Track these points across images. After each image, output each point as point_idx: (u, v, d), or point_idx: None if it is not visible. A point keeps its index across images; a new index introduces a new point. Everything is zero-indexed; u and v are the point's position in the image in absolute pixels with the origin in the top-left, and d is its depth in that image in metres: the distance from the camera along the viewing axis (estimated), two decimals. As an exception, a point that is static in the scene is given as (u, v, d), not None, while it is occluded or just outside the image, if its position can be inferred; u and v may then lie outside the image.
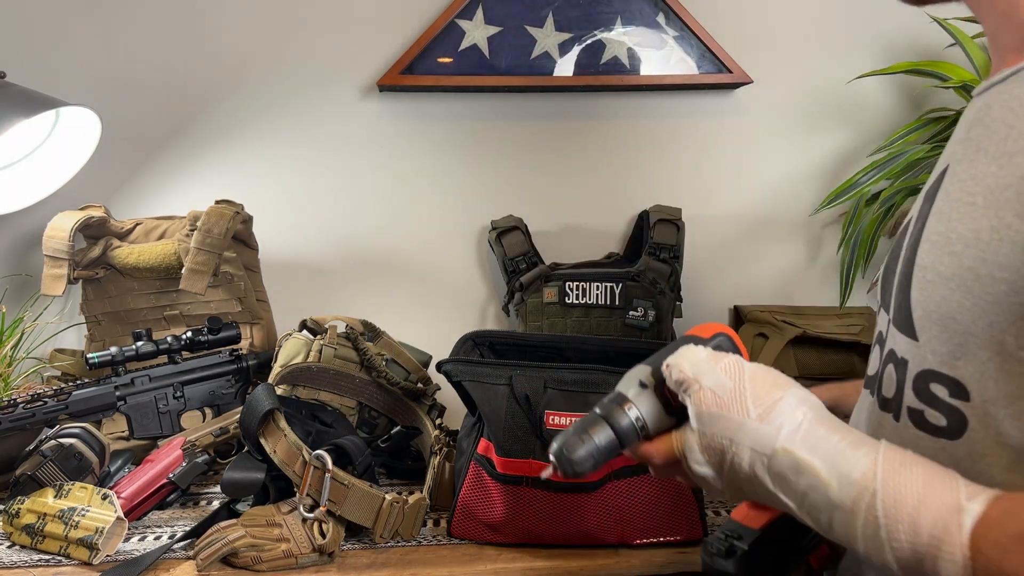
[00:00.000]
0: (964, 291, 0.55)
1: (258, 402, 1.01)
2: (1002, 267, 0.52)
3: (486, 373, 1.04)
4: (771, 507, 0.63)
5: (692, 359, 0.64)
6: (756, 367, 0.63)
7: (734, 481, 0.60)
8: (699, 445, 0.62)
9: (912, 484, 0.53)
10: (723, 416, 0.60)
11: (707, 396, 0.61)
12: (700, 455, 0.61)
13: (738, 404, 0.60)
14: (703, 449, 0.61)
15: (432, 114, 1.58)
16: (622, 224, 1.63)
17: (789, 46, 1.62)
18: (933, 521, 0.51)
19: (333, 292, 1.59)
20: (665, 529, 1.02)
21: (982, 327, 0.54)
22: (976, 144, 0.58)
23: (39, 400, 1.17)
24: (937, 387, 0.58)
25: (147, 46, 1.51)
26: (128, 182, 1.54)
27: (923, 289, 0.59)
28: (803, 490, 0.56)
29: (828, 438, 0.57)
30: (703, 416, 0.61)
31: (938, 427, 0.58)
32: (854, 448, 0.56)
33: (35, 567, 0.96)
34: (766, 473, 0.58)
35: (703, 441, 0.61)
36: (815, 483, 0.56)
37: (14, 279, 1.51)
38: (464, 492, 1.03)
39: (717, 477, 0.61)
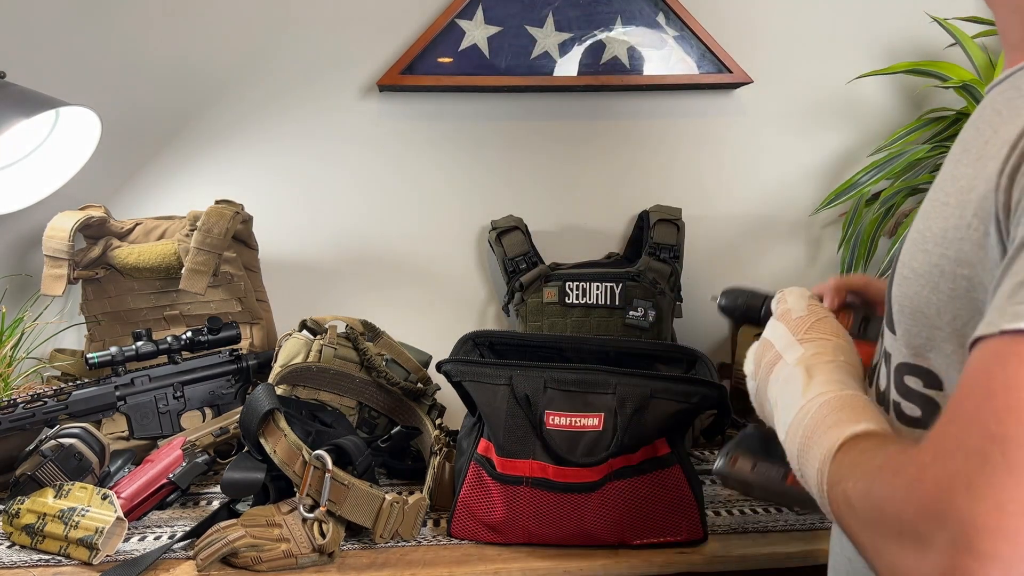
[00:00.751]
0: (932, 287, 0.57)
1: (258, 402, 1.01)
2: (963, 264, 0.54)
3: (486, 373, 1.04)
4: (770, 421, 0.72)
5: (797, 291, 0.77)
6: (833, 321, 0.74)
7: (761, 384, 0.72)
8: (756, 348, 0.76)
9: (855, 403, 0.61)
10: (781, 328, 0.74)
11: (786, 315, 0.74)
12: (751, 354, 0.76)
13: (797, 327, 0.72)
14: (755, 349, 0.76)
15: (432, 114, 1.58)
16: (622, 224, 1.63)
17: (789, 46, 1.62)
18: (836, 439, 0.58)
19: (333, 292, 1.59)
20: (665, 529, 1.02)
21: (947, 321, 0.56)
22: (964, 145, 0.60)
23: (39, 400, 1.17)
24: (911, 379, 0.61)
25: (147, 46, 1.51)
26: (128, 182, 1.54)
27: (899, 285, 0.61)
28: (787, 391, 0.67)
29: (831, 372, 0.66)
30: (771, 324, 0.76)
31: (913, 418, 0.61)
32: (844, 382, 0.65)
33: (35, 567, 0.96)
34: (776, 378, 0.70)
35: (760, 343, 0.75)
36: (795, 389, 0.66)
37: (14, 279, 1.51)
38: (464, 492, 1.03)
39: (753, 376, 0.74)
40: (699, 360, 1.17)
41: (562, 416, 1.02)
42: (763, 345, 0.74)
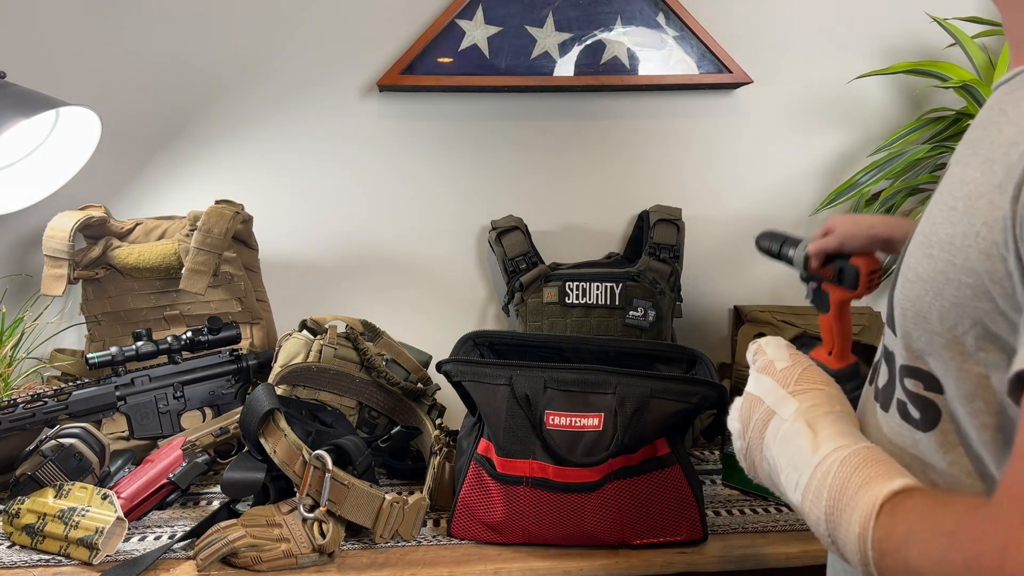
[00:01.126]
0: (935, 293, 0.56)
1: (258, 402, 1.01)
2: (968, 272, 0.53)
3: (486, 373, 1.04)
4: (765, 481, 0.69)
5: (773, 341, 0.74)
6: (819, 370, 0.71)
7: (753, 443, 0.68)
8: (741, 404, 0.71)
9: (879, 463, 0.58)
10: (768, 382, 0.70)
11: (767, 366, 0.71)
12: (737, 413, 0.71)
13: (785, 379, 0.69)
14: (741, 408, 0.71)
15: (432, 114, 1.58)
16: (622, 224, 1.63)
17: (789, 46, 1.62)
18: (872, 498, 0.55)
19: (333, 292, 1.59)
20: (665, 529, 1.02)
21: (947, 327, 0.56)
22: (972, 147, 0.59)
23: (39, 400, 1.17)
24: (911, 382, 0.61)
25: (147, 46, 1.51)
26: (128, 182, 1.54)
27: (903, 287, 0.61)
28: (791, 451, 0.63)
29: (835, 424, 0.63)
30: (754, 379, 0.71)
31: (915, 419, 0.61)
32: (853, 434, 0.63)
33: (35, 567, 0.96)
34: (774, 436, 0.66)
35: (745, 400, 0.71)
36: (804, 445, 0.62)
37: (14, 279, 1.51)
38: (464, 492, 1.03)
39: (741, 436, 0.70)
40: (699, 360, 1.17)
41: (562, 416, 1.02)
42: (750, 401, 0.70)
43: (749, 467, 0.70)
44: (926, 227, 0.60)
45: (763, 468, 0.67)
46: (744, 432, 0.69)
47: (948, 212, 0.56)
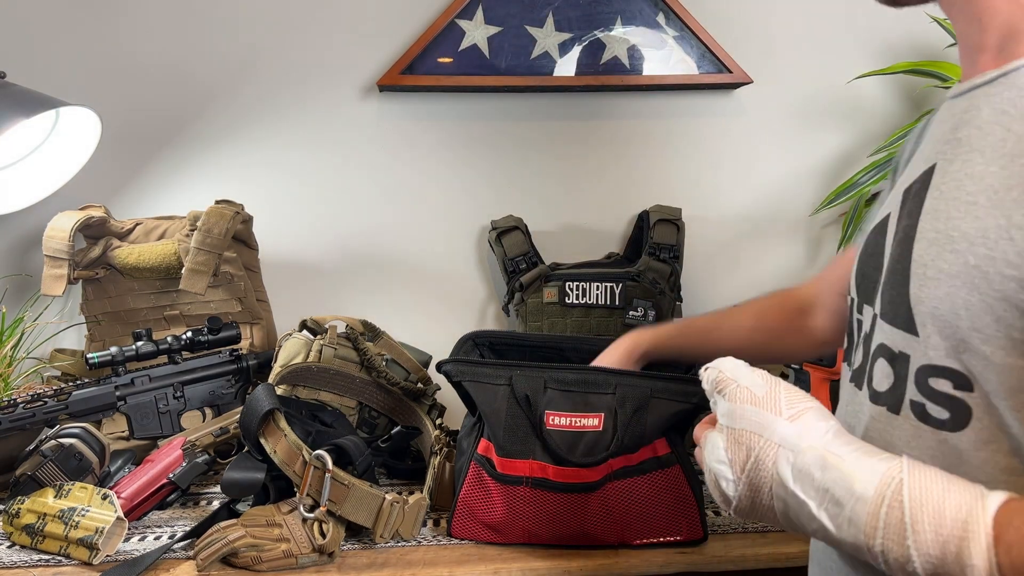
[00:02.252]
0: (970, 288, 0.56)
1: (258, 402, 1.01)
2: (1011, 265, 0.53)
3: (486, 373, 1.04)
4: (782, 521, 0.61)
5: (731, 363, 0.66)
6: (793, 385, 0.65)
7: (753, 482, 0.60)
8: (725, 442, 0.62)
9: (936, 477, 0.54)
10: (756, 412, 0.61)
11: (743, 393, 0.63)
12: (723, 453, 0.62)
13: (771, 403, 0.61)
14: (728, 446, 0.62)
15: (432, 114, 1.58)
16: (622, 224, 1.63)
17: (789, 46, 1.62)
18: (957, 505, 0.51)
19: (333, 292, 1.59)
20: (665, 529, 1.02)
21: (988, 322, 0.55)
22: (968, 145, 0.60)
23: (39, 400, 1.17)
24: (938, 381, 0.59)
25: (147, 46, 1.51)
26: (128, 182, 1.54)
27: (924, 286, 0.59)
28: (826, 485, 0.56)
29: (851, 443, 0.58)
30: (735, 411, 0.62)
31: (940, 420, 0.59)
32: (876, 452, 0.57)
33: (35, 567, 0.96)
34: (789, 469, 0.58)
35: (731, 437, 0.62)
36: (839, 476, 0.56)
37: (14, 279, 1.51)
38: (464, 492, 1.03)
39: (736, 478, 0.61)
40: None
41: (562, 416, 1.02)
42: (738, 438, 0.61)
43: (747, 510, 0.62)
44: (938, 224, 0.59)
45: (777, 508, 0.60)
46: (739, 474, 0.61)
47: (968, 207, 0.57)
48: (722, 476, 0.62)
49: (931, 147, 0.66)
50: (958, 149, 0.61)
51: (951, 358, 0.58)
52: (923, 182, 0.64)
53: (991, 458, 0.57)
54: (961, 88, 0.65)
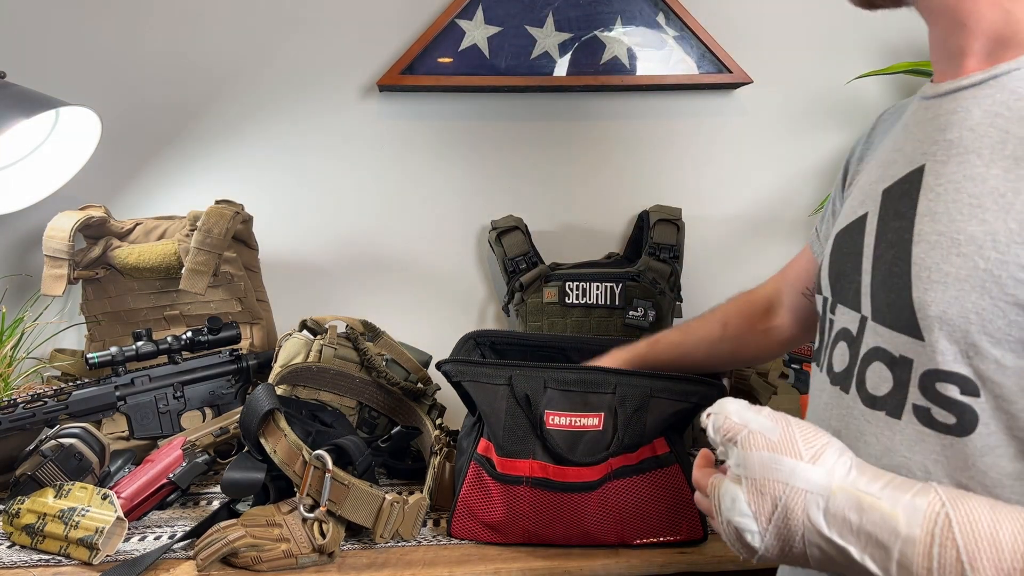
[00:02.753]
0: (980, 291, 0.56)
1: (258, 402, 1.01)
2: (1022, 267, 0.54)
3: (486, 373, 1.04)
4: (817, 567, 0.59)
5: (736, 406, 0.62)
6: (803, 420, 0.62)
7: (782, 532, 0.57)
8: (746, 494, 0.58)
9: (981, 507, 0.53)
10: (776, 459, 0.58)
11: (757, 439, 0.59)
12: (745, 506, 0.58)
13: (789, 446, 0.58)
14: (750, 498, 0.58)
15: (432, 114, 1.58)
16: (622, 224, 1.63)
17: (789, 46, 1.62)
18: (1012, 536, 0.50)
19: (333, 292, 1.59)
20: (665, 529, 1.02)
21: (1000, 326, 0.55)
22: (962, 146, 0.60)
23: (39, 400, 1.17)
24: (945, 386, 0.59)
25: (147, 46, 1.51)
26: (128, 182, 1.54)
27: (929, 289, 0.59)
28: (867, 528, 0.54)
29: (879, 477, 0.57)
30: (753, 460, 0.58)
31: (947, 425, 0.59)
32: (907, 485, 0.55)
33: (35, 567, 0.96)
34: (822, 516, 0.56)
35: (751, 488, 0.58)
36: (880, 519, 0.54)
37: (14, 279, 1.51)
38: (464, 492, 1.03)
39: (762, 531, 0.58)
40: (699, 360, 1.17)
41: (562, 416, 1.02)
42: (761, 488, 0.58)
43: (775, 559, 0.59)
44: (940, 227, 0.59)
45: (812, 555, 0.57)
46: (764, 526, 0.58)
47: (972, 209, 0.57)
48: (746, 529, 0.58)
49: (913, 147, 0.66)
50: (950, 150, 0.61)
51: (959, 363, 0.58)
52: (912, 183, 0.64)
53: (996, 463, 0.57)
54: (941, 89, 0.65)
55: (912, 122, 0.69)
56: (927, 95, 0.68)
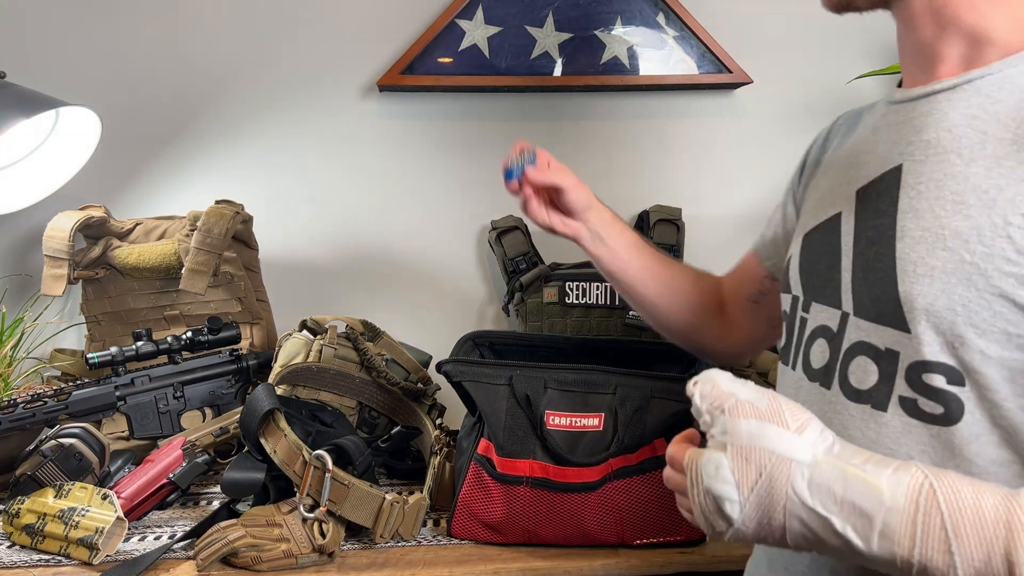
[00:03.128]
0: (967, 284, 0.57)
1: (258, 402, 1.01)
2: (1010, 262, 0.56)
3: (486, 373, 1.04)
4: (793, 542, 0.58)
5: (723, 376, 0.62)
6: (780, 394, 0.62)
7: (763, 502, 0.56)
8: (731, 461, 0.57)
9: (963, 481, 0.53)
10: (763, 427, 0.57)
11: (745, 408, 0.58)
12: (729, 473, 0.57)
13: (777, 417, 0.58)
14: (735, 465, 0.57)
15: (432, 114, 1.58)
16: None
17: (789, 46, 1.62)
18: (994, 507, 0.51)
19: (333, 292, 1.59)
20: (665, 529, 1.02)
21: (984, 317, 0.57)
22: (940, 147, 0.63)
23: (39, 400, 1.17)
24: (931, 376, 0.60)
25: (147, 46, 1.51)
26: (128, 182, 1.54)
27: (915, 283, 0.60)
28: (851, 498, 0.54)
29: (859, 452, 0.57)
30: (741, 428, 0.58)
31: (933, 415, 0.61)
32: (888, 461, 0.55)
33: (35, 567, 0.96)
34: (806, 486, 0.55)
35: (737, 455, 0.57)
36: (864, 489, 0.53)
37: (14, 279, 1.51)
38: (464, 492, 1.03)
39: (743, 500, 0.57)
40: (699, 360, 1.17)
41: (562, 416, 1.02)
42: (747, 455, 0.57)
43: (749, 533, 0.58)
44: (923, 223, 0.61)
45: (791, 528, 0.56)
46: (746, 495, 0.57)
47: (955, 206, 0.59)
48: (727, 498, 0.57)
49: (888, 148, 0.68)
50: (928, 150, 0.64)
51: (945, 353, 0.59)
52: (889, 181, 0.66)
53: (982, 451, 0.59)
54: (914, 93, 0.68)
55: (883, 125, 0.71)
56: (896, 99, 0.71)
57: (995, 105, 0.62)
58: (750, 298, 0.98)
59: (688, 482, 0.59)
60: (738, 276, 1.01)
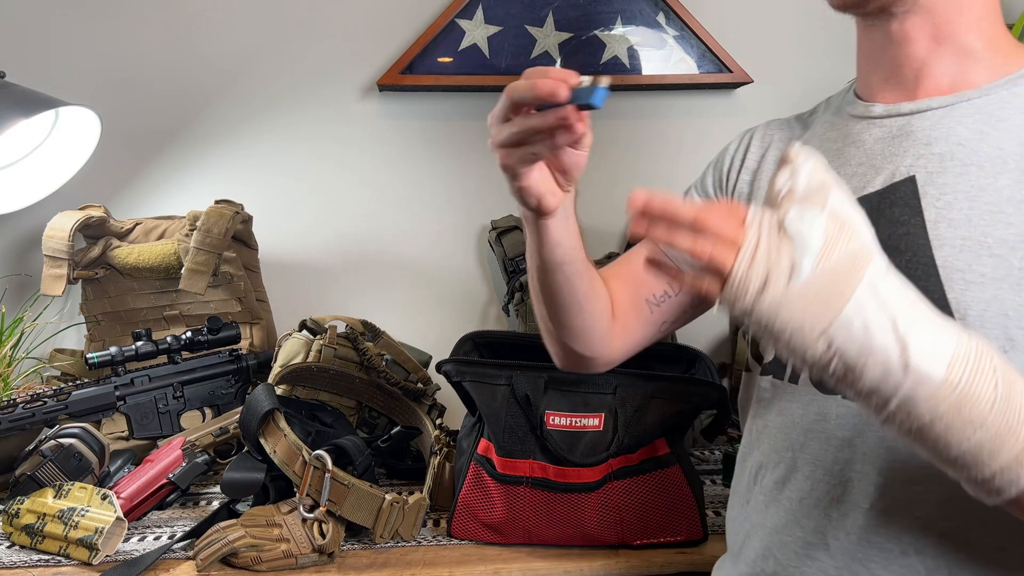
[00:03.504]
0: (1017, 289, 0.60)
1: (258, 402, 1.01)
2: None
3: (486, 373, 1.04)
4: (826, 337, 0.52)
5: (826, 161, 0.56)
6: None
7: (837, 273, 0.50)
8: (826, 220, 0.52)
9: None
10: (858, 216, 0.53)
11: (845, 191, 0.54)
12: (821, 227, 0.51)
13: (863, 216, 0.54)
14: (830, 225, 0.51)
15: (432, 114, 1.58)
16: (622, 224, 1.63)
17: (789, 46, 1.62)
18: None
19: (333, 292, 1.59)
20: (665, 529, 1.02)
21: None
22: (957, 159, 0.65)
23: (39, 400, 1.17)
24: None
25: (147, 46, 1.51)
26: (128, 182, 1.54)
27: (966, 291, 0.62)
28: (912, 309, 0.51)
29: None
30: (842, 204, 0.52)
31: None
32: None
33: (35, 567, 0.96)
34: (881, 279, 0.51)
35: (833, 219, 0.52)
36: (924, 306, 0.52)
37: (14, 279, 1.51)
38: (464, 492, 1.03)
39: (818, 260, 0.50)
40: (699, 360, 1.17)
41: (562, 416, 1.02)
42: (838, 220, 0.51)
43: (810, 309, 0.51)
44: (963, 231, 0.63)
45: (845, 319, 0.50)
46: (828, 255, 0.51)
47: (993, 215, 0.62)
48: (809, 247, 0.51)
49: (885, 160, 0.69)
50: (944, 163, 0.66)
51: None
52: (903, 192, 0.67)
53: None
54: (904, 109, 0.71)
55: (870, 139, 0.73)
56: (875, 114, 0.73)
57: (1002, 123, 0.65)
58: (651, 301, 0.86)
59: (753, 228, 0.53)
60: (632, 276, 0.87)
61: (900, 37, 0.73)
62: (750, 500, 0.77)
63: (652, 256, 0.62)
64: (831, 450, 0.68)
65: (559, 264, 0.80)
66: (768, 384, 0.76)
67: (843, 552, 0.67)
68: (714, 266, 0.52)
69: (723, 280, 0.52)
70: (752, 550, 0.75)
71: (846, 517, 0.67)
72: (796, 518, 0.70)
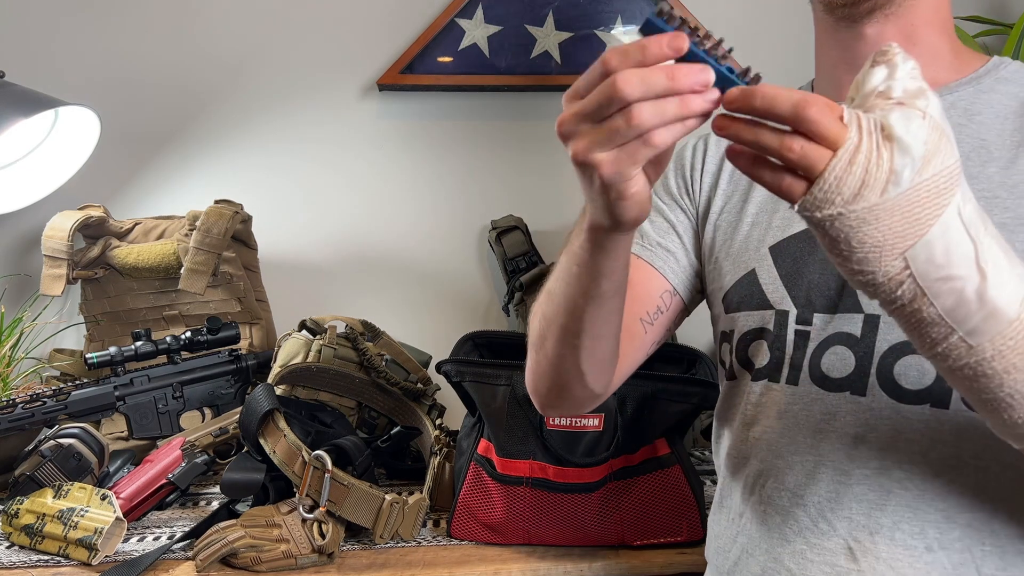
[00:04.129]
0: None
1: (257, 402, 1.01)
2: None
3: (486, 373, 1.04)
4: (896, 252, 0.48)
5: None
6: None
7: (934, 186, 0.46)
8: (928, 128, 0.47)
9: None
10: (946, 127, 0.48)
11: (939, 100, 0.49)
12: (924, 135, 0.46)
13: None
14: (929, 136, 0.47)
15: (432, 114, 1.58)
16: (622, 224, 1.63)
17: (789, 46, 1.61)
18: None
19: (333, 292, 1.59)
20: (665, 529, 1.02)
21: None
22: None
23: (38, 400, 1.17)
24: None
25: (147, 46, 1.51)
26: (128, 182, 1.54)
27: None
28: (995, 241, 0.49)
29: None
30: (937, 107, 0.48)
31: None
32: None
33: (34, 567, 0.96)
34: (971, 203, 0.49)
35: (934, 129, 0.47)
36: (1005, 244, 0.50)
37: (14, 279, 1.51)
38: (464, 492, 1.03)
39: (917, 169, 0.46)
40: (699, 360, 1.17)
41: (562, 416, 1.01)
42: (937, 131, 0.47)
43: (896, 224, 0.47)
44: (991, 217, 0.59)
45: (930, 240, 0.47)
46: (928, 165, 0.46)
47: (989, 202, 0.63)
48: (912, 153, 0.46)
49: None
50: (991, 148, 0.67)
51: None
52: None
53: None
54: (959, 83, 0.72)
55: None
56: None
57: (976, 116, 0.67)
58: (645, 319, 0.81)
59: (853, 127, 0.47)
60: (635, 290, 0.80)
61: (875, 39, 0.72)
62: (744, 513, 0.74)
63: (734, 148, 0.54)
64: (844, 448, 0.66)
65: (615, 292, 0.68)
66: (761, 388, 0.73)
67: (866, 554, 0.64)
68: (804, 163, 0.47)
69: (809, 181, 0.48)
70: (756, 564, 0.71)
71: (867, 516, 0.65)
72: (808, 524, 0.67)
